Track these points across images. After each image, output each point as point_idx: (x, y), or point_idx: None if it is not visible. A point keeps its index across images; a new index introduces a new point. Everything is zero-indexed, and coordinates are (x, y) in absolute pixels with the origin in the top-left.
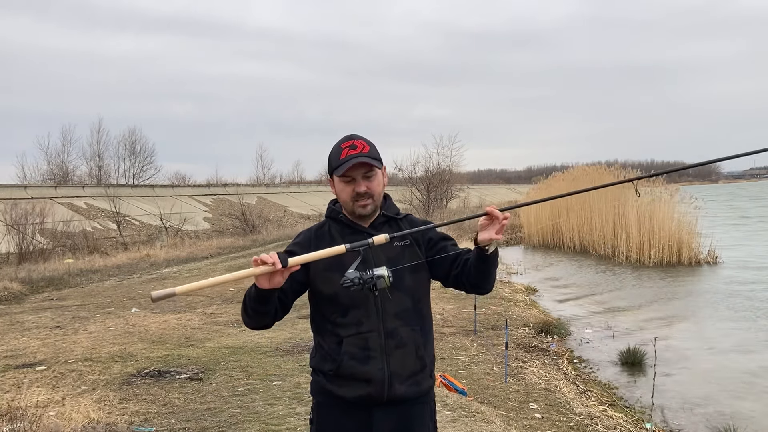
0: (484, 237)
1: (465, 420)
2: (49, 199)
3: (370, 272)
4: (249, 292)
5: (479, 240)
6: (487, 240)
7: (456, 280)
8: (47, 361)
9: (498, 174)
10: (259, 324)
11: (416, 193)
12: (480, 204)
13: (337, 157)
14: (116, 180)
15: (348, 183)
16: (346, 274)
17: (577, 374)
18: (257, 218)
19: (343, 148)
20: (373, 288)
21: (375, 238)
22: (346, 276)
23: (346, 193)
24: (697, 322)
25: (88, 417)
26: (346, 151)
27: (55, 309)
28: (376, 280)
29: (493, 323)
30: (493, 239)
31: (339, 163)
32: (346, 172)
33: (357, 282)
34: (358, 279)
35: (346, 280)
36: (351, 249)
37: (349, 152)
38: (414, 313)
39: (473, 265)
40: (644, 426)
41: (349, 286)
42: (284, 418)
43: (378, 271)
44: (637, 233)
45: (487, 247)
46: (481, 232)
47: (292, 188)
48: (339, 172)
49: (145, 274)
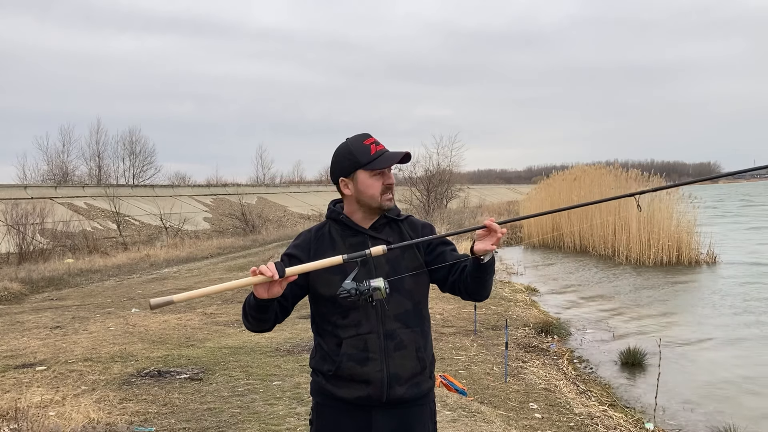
0: (480, 247)
1: (465, 420)
2: (49, 199)
3: (366, 283)
4: (248, 300)
5: (476, 250)
6: (483, 251)
7: (453, 286)
8: (47, 361)
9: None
10: (260, 329)
11: (416, 193)
12: (480, 204)
13: (368, 153)
14: (116, 180)
15: (379, 177)
16: (342, 284)
17: (577, 374)
18: (257, 218)
19: (369, 144)
20: (369, 299)
21: (372, 250)
22: (343, 287)
23: (376, 188)
24: (697, 322)
25: (88, 417)
26: (374, 147)
27: (55, 309)
28: (372, 292)
29: (493, 323)
30: (488, 250)
31: (372, 158)
32: (386, 165)
33: (354, 293)
34: (354, 290)
35: (342, 291)
36: (348, 260)
37: (377, 147)
38: (414, 315)
39: (469, 274)
40: (644, 426)
41: (345, 296)
42: (284, 418)
43: (374, 283)
44: (637, 233)
45: (483, 257)
46: (478, 242)
47: (292, 188)
48: (378, 165)
49: (145, 274)
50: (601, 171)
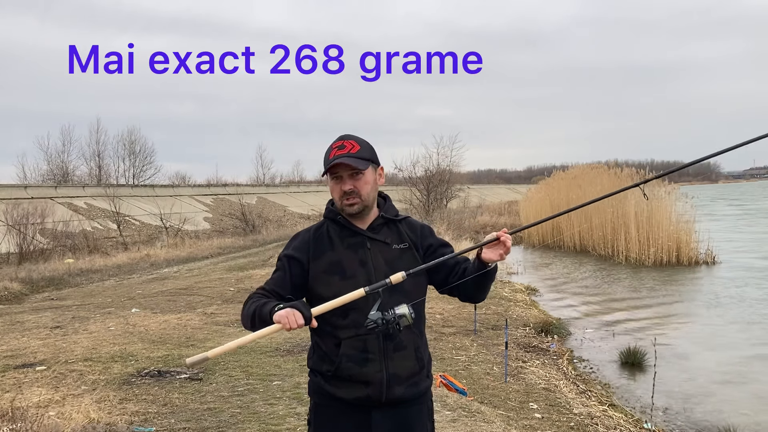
0: (489, 256)
1: (465, 420)
2: (50, 199)
3: (392, 312)
4: (261, 315)
5: (484, 258)
6: (491, 260)
7: (452, 288)
8: (47, 361)
9: (498, 174)
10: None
11: (416, 193)
12: (480, 204)
13: (327, 157)
14: (116, 180)
15: (337, 182)
16: (369, 316)
17: (577, 374)
18: (257, 218)
19: (333, 148)
20: (396, 327)
21: (393, 278)
22: (369, 318)
23: (336, 192)
24: (697, 322)
25: (89, 417)
26: (334, 152)
27: (55, 309)
28: (399, 320)
29: (493, 323)
30: (496, 260)
31: (327, 162)
32: (330, 170)
33: (381, 323)
34: (381, 320)
35: (369, 323)
36: (370, 291)
37: (337, 152)
38: (417, 315)
39: (471, 278)
40: (644, 426)
41: (373, 328)
42: (284, 418)
43: (399, 310)
44: (637, 233)
45: (489, 264)
46: (487, 251)
47: (292, 188)
48: (326, 169)
49: (145, 274)
50: (601, 171)
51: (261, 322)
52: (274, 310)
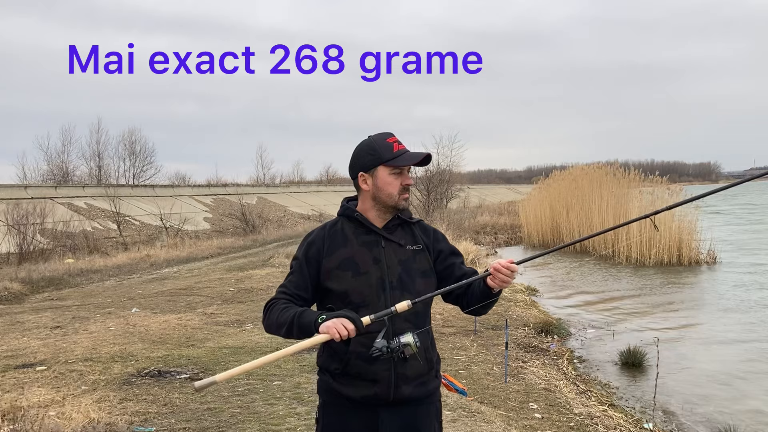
0: (495, 285)
1: (465, 420)
2: (50, 199)
3: (396, 341)
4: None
5: (491, 285)
6: (497, 287)
7: (457, 299)
8: (47, 361)
9: (498, 174)
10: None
11: (416, 193)
12: (480, 204)
13: (390, 150)
14: (116, 180)
15: (397, 176)
16: (374, 344)
17: (577, 374)
18: (257, 218)
19: (392, 142)
20: (401, 355)
21: (398, 306)
22: (375, 346)
23: (394, 186)
24: (697, 322)
25: (89, 417)
26: (396, 146)
27: (55, 309)
28: (403, 348)
29: (493, 323)
30: (502, 288)
31: (394, 155)
32: (397, 164)
33: (386, 351)
34: (386, 348)
35: (375, 350)
36: (375, 320)
37: (399, 146)
38: (423, 316)
39: (478, 298)
40: (644, 426)
41: (378, 356)
42: (284, 418)
43: (404, 339)
44: (638, 233)
45: (494, 289)
46: (492, 281)
47: (292, 188)
48: (399, 162)
49: (145, 274)
50: (601, 171)
51: (301, 332)
52: (317, 321)
